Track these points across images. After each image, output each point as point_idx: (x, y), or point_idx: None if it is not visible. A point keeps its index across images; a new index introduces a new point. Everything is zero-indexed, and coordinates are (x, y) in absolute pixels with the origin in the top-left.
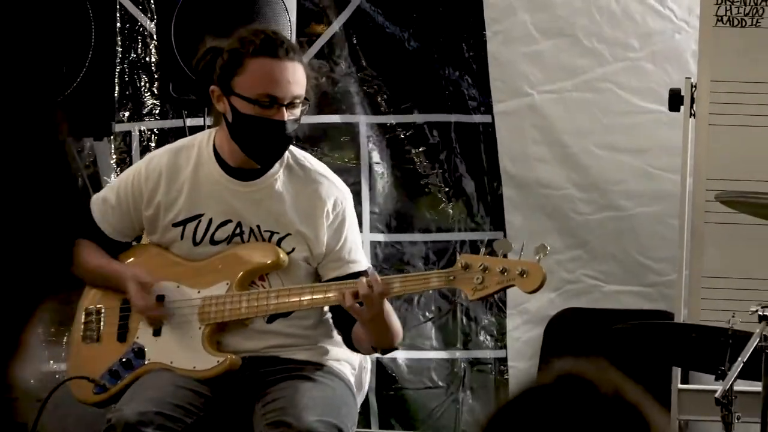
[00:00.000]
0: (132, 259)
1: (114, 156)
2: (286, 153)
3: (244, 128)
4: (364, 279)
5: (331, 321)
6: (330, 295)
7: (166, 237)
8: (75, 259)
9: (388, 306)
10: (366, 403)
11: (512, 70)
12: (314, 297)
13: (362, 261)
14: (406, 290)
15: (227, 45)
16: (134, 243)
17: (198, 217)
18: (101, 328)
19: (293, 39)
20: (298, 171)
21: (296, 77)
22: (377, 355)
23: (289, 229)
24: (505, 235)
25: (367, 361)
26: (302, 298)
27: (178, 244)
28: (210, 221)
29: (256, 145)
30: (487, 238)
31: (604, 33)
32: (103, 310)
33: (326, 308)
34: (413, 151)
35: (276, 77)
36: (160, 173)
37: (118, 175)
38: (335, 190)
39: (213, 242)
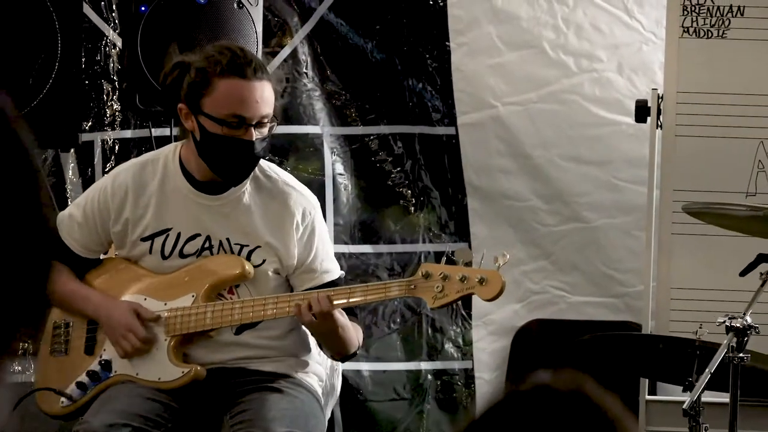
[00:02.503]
0: (101, 274)
1: (76, 166)
2: None
3: (213, 147)
4: (315, 294)
5: (302, 331)
6: (290, 307)
7: (134, 251)
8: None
9: (342, 320)
10: (330, 415)
11: (476, 81)
12: (278, 307)
13: (335, 270)
14: (367, 300)
15: (195, 62)
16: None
17: (166, 231)
18: (69, 341)
19: (259, 50)
20: (265, 182)
21: (264, 97)
22: (345, 365)
23: (258, 241)
24: (470, 247)
25: (338, 364)
26: (266, 309)
27: (147, 258)
28: (178, 235)
29: (225, 164)
30: (452, 250)
31: (570, 44)
32: (71, 323)
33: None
34: (377, 162)
35: (244, 98)
36: (127, 189)
37: (82, 186)
38: (303, 200)
39: (182, 256)
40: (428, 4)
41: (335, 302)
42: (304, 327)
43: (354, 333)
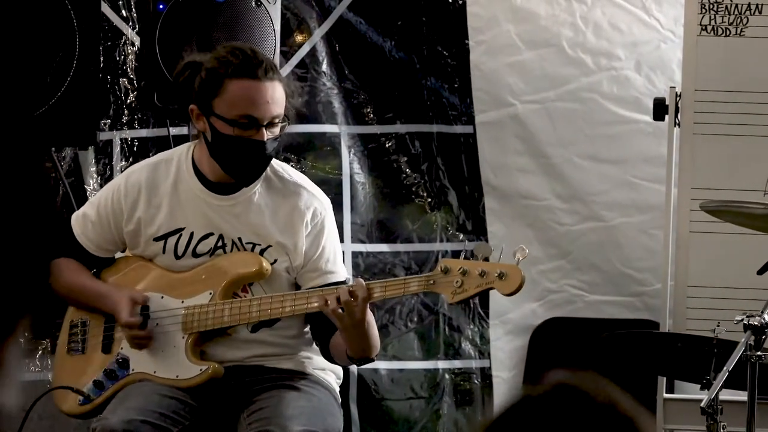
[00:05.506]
0: (116, 272)
1: (96, 165)
2: None
3: (224, 148)
4: (346, 285)
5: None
6: (312, 301)
7: (148, 251)
8: (55, 277)
9: (370, 316)
10: (347, 413)
11: (495, 80)
12: (296, 304)
13: (340, 272)
14: (386, 295)
15: (206, 62)
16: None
17: (179, 231)
18: (86, 339)
19: (277, 48)
20: (276, 183)
21: (275, 97)
22: (355, 366)
23: (269, 240)
24: None
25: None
26: (284, 305)
27: (160, 258)
28: (191, 235)
29: (237, 164)
30: (469, 249)
31: (589, 43)
32: (88, 322)
33: None
34: (395, 161)
35: (255, 99)
36: (140, 188)
37: (100, 184)
38: (314, 200)
39: (195, 255)
40: (447, 2)
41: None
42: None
43: (377, 334)
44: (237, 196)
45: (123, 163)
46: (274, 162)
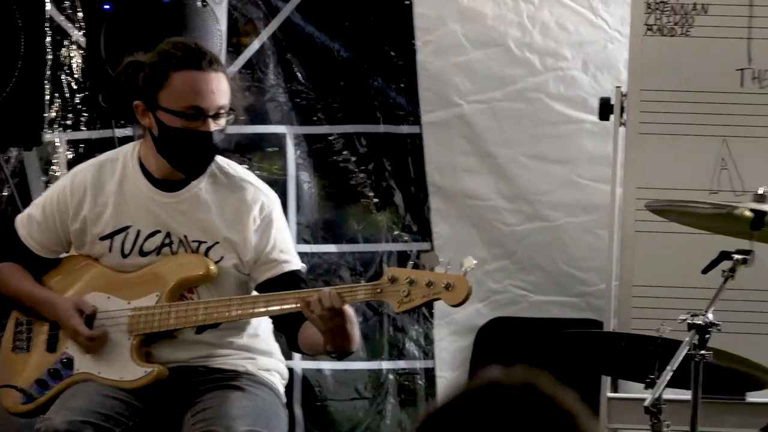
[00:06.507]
0: (62, 272)
1: (39, 166)
2: None
3: (172, 141)
4: (326, 290)
5: (264, 331)
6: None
7: (94, 250)
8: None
9: (350, 313)
10: (291, 414)
11: (442, 80)
12: (242, 308)
13: (294, 261)
14: None
15: (148, 59)
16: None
17: (125, 229)
18: (31, 338)
19: (224, 48)
20: (222, 179)
21: (220, 87)
22: (307, 364)
23: (216, 237)
24: (432, 246)
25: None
26: (230, 311)
27: (107, 257)
28: (138, 233)
29: (184, 157)
30: (415, 249)
31: (536, 43)
32: (33, 320)
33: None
34: (341, 162)
35: (201, 88)
36: (85, 188)
37: (45, 184)
38: (261, 194)
39: (142, 254)
40: (394, 2)
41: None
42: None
43: (357, 328)
44: (182, 193)
45: (67, 163)
46: (220, 158)
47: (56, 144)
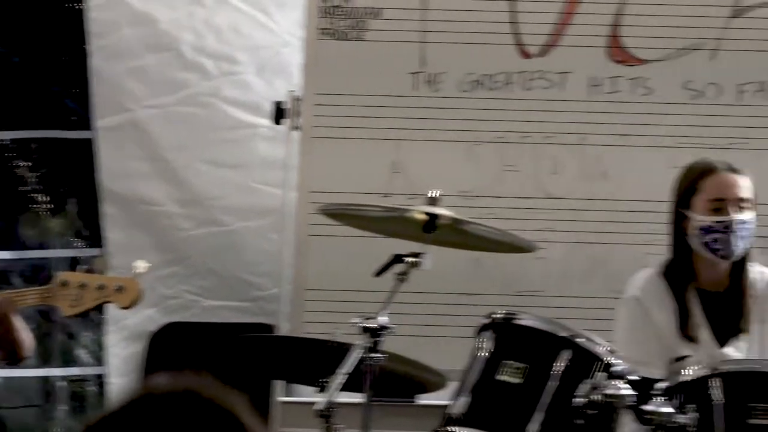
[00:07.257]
0: None
1: None
2: None
3: None
4: None
5: None
6: None
7: None
8: None
9: (18, 322)
10: None
11: (115, 85)
12: None
13: None
14: None
15: None
16: None
17: None
18: None
19: None
20: None
21: None
22: None
23: None
24: (104, 253)
25: None
26: None
27: None
28: None
29: None
30: (86, 255)
31: (210, 47)
32: None
33: None
34: (13, 168)
35: None
36: None
37: None
38: None
39: None
40: (64, 7)
41: None
42: None
43: (28, 334)
44: None
45: None
46: None
47: None
